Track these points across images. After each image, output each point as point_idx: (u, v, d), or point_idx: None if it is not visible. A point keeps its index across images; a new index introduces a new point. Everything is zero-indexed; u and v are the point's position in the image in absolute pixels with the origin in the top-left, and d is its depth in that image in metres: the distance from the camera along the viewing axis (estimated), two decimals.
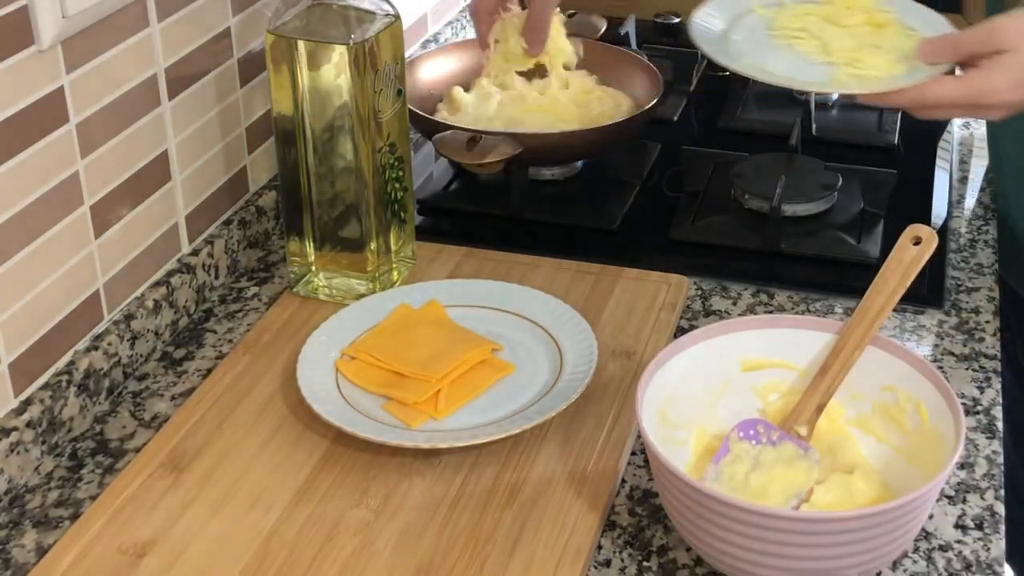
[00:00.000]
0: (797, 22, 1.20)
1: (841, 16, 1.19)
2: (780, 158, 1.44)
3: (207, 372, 1.15)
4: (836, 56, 1.14)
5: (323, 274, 1.22)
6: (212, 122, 1.25)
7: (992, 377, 1.14)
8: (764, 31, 1.19)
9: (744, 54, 1.15)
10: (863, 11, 1.20)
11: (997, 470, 1.03)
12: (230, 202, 1.31)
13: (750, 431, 0.97)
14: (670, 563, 0.94)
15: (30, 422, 1.02)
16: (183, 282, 1.21)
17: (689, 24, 1.19)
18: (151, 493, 0.99)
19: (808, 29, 1.18)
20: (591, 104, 1.45)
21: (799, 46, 1.17)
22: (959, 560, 0.94)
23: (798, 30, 1.19)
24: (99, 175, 1.10)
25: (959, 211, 1.43)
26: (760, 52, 1.16)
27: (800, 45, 1.17)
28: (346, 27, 1.13)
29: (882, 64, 1.12)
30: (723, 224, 1.36)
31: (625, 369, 1.13)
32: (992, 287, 1.27)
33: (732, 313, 1.23)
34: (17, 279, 1.01)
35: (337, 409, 1.04)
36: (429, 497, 0.98)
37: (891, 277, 0.99)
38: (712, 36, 1.18)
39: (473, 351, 1.10)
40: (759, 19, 1.21)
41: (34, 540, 0.96)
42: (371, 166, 1.16)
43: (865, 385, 0.99)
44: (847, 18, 1.19)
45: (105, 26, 1.07)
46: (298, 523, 0.96)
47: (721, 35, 1.19)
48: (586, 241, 1.35)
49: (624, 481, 1.02)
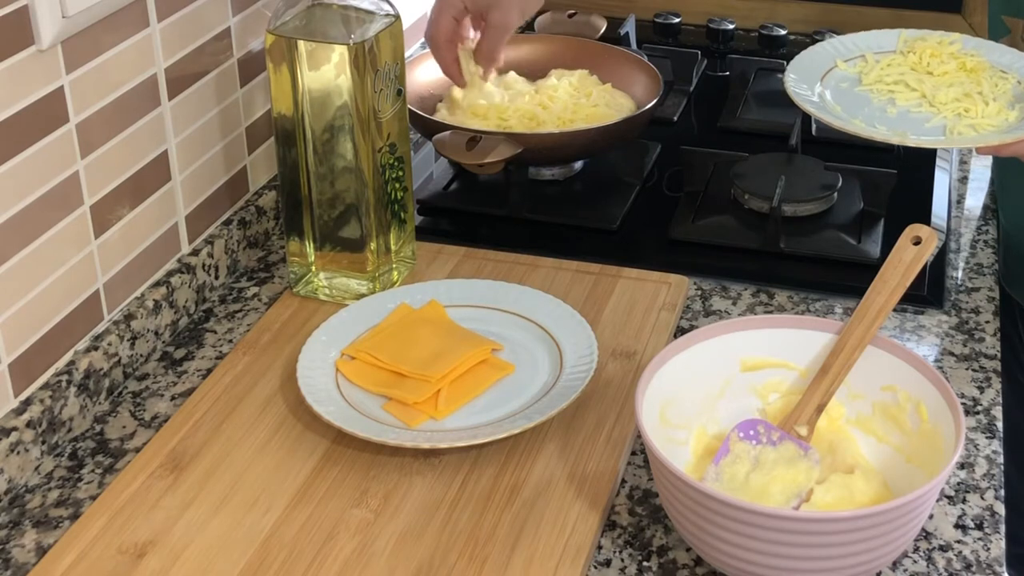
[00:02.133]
0: (890, 75, 1.20)
1: (931, 65, 1.20)
2: (780, 158, 1.44)
3: (207, 372, 1.15)
4: (943, 108, 1.14)
5: (323, 274, 1.22)
6: (212, 122, 1.25)
7: (992, 377, 1.14)
8: (857, 87, 1.20)
9: (849, 112, 1.16)
10: (952, 57, 1.20)
11: (997, 470, 1.03)
12: (230, 202, 1.31)
13: (750, 431, 0.97)
14: (670, 563, 0.94)
15: (30, 422, 1.02)
16: (183, 282, 1.21)
17: (786, 89, 1.19)
18: (151, 493, 0.99)
19: (904, 81, 1.19)
20: (591, 104, 1.45)
21: (900, 100, 1.17)
22: (959, 560, 0.94)
23: (893, 83, 1.19)
24: (99, 175, 1.10)
25: (959, 211, 1.43)
26: (862, 108, 1.16)
27: (901, 99, 1.17)
28: (346, 27, 1.13)
29: (992, 111, 1.12)
30: (723, 224, 1.36)
31: (625, 369, 1.13)
32: (992, 287, 1.27)
33: (732, 313, 1.23)
34: (17, 279, 1.01)
35: (337, 409, 1.04)
36: (429, 497, 0.98)
37: (891, 277, 0.99)
38: (813, 99, 1.18)
39: (473, 351, 1.10)
40: (846, 74, 1.22)
41: (34, 540, 0.96)
42: (371, 166, 1.16)
43: (865, 385, 1.00)
44: (938, 67, 1.19)
45: (105, 26, 1.07)
46: (298, 523, 0.96)
47: (819, 96, 1.19)
48: (586, 241, 1.35)
49: (624, 481, 1.02)
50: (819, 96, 1.19)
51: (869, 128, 1.13)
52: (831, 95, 1.20)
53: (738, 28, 1.81)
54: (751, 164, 1.43)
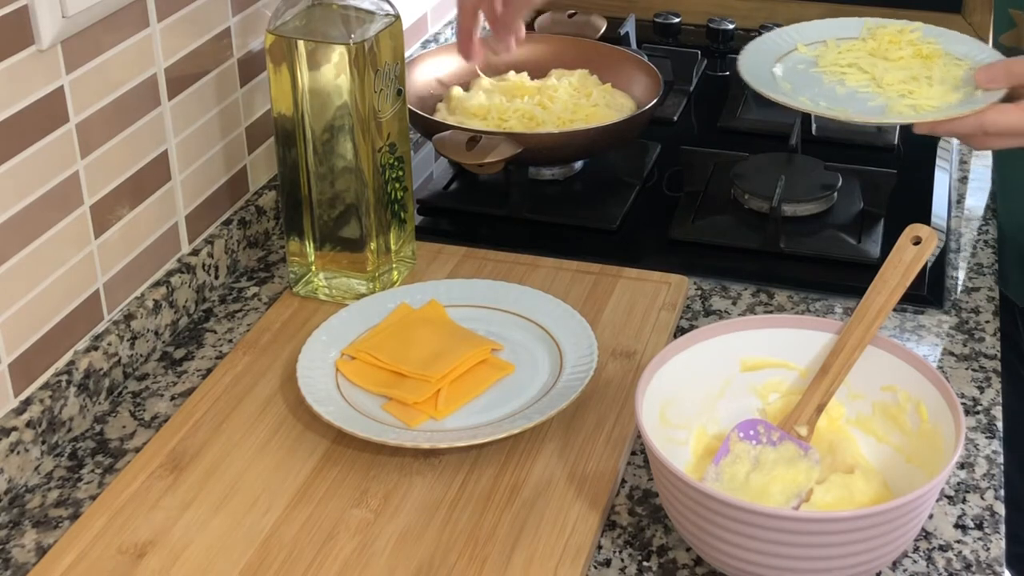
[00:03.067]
0: (845, 58, 1.21)
1: (887, 51, 1.20)
2: (780, 158, 1.44)
3: (207, 372, 1.15)
4: (889, 89, 1.15)
5: (323, 274, 1.22)
6: (212, 122, 1.25)
7: (992, 377, 1.14)
8: (812, 68, 1.21)
9: (797, 90, 1.16)
10: (909, 44, 1.21)
11: (997, 470, 1.03)
12: (230, 202, 1.31)
13: (750, 431, 0.97)
14: (670, 563, 0.94)
15: (30, 422, 1.02)
16: (183, 282, 1.21)
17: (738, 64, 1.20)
18: (151, 493, 0.99)
19: (858, 64, 1.20)
20: (591, 104, 1.45)
21: (850, 81, 1.18)
22: (959, 560, 0.94)
23: (847, 66, 1.20)
24: (99, 175, 1.10)
25: (959, 211, 1.43)
26: (812, 88, 1.17)
27: (851, 80, 1.18)
28: (346, 27, 1.13)
29: (936, 94, 1.13)
30: (723, 224, 1.36)
31: (625, 369, 1.13)
32: (992, 287, 1.27)
33: (732, 313, 1.23)
34: (17, 279, 1.01)
35: (337, 409, 1.04)
36: (429, 497, 0.98)
37: (891, 277, 0.99)
38: (760, 73, 1.19)
39: (473, 351, 1.10)
40: (804, 57, 1.23)
41: (34, 540, 0.96)
42: (371, 166, 1.16)
43: (865, 385, 1.00)
44: (894, 52, 1.20)
45: (105, 26, 1.07)
46: (298, 523, 0.96)
47: (769, 73, 1.20)
48: (586, 241, 1.35)
49: (624, 481, 1.02)
50: (770, 74, 1.20)
51: (812, 104, 1.14)
52: (783, 73, 1.20)
53: (738, 28, 1.81)
54: (751, 164, 1.43)
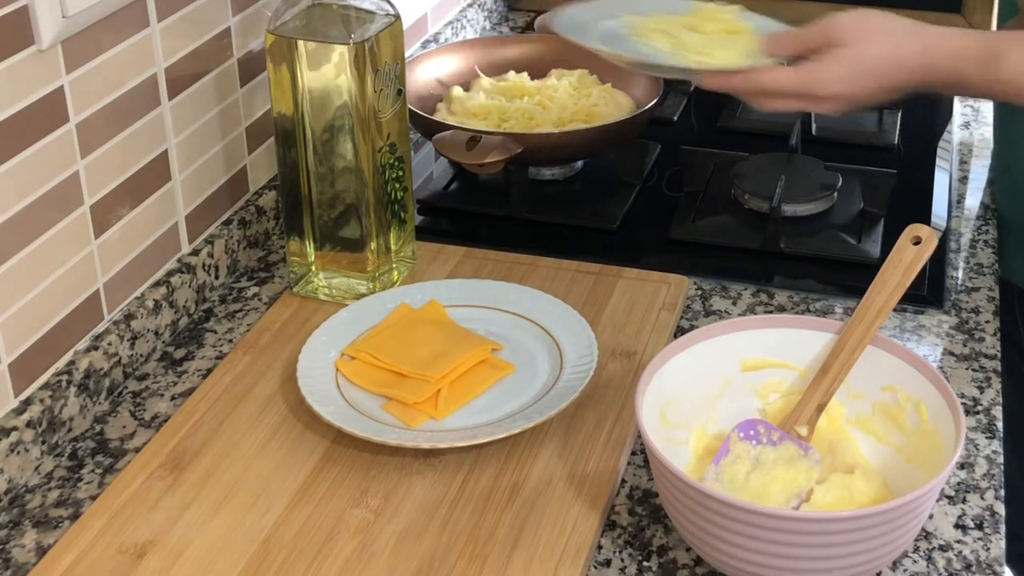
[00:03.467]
0: (659, 25, 1.23)
1: (700, 24, 1.23)
2: (780, 158, 1.44)
3: (207, 372, 1.15)
4: (689, 50, 1.17)
5: (323, 274, 1.22)
6: (212, 122, 1.25)
7: (992, 377, 1.14)
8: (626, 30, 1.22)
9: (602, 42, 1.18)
10: (722, 21, 1.23)
11: (997, 470, 1.03)
12: (230, 202, 1.31)
13: (750, 431, 0.97)
14: (670, 563, 0.94)
15: (30, 422, 1.02)
16: (183, 282, 1.21)
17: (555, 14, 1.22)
18: (151, 493, 0.99)
19: (667, 31, 1.22)
20: (591, 104, 1.45)
21: (656, 41, 1.20)
22: (959, 560, 0.94)
23: (657, 31, 1.22)
24: (99, 175, 1.10)
25: (959, 211, 1.43)
26: (618, 42, 1.19)
27: (658, 41, 1.20)
28: (346, 27, 1.13)
29: (728, 57, 1.15)
30: (723, 224, 1.36)
31: (625, 369, 1.13)
32: (992, 287, 1.27)
33: (732, 313, 1.23)
34: (17, 279, 1.01)
35: (337, 409, 1.04)
36: (429, 497, 0.98)
37: (891, 277, 0.99)
38: (572, 22, 1.21)
39: (473, 351, 1.10)
40: (626, 22, 1.24)
41: (34, 540, 0.96)
42: (371, 166, 1.16)
43: (865, 385, 0.99)
44: (706, 26, 1.22)
45: (105, 26, 1.07)
46: (298, 523, 0.96)
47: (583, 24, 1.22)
48: (586, 241, 1.35)
49: (624, 481, 1.02)
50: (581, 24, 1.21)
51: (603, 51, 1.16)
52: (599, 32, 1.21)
53: None
54: (751, 164, 1.43)
